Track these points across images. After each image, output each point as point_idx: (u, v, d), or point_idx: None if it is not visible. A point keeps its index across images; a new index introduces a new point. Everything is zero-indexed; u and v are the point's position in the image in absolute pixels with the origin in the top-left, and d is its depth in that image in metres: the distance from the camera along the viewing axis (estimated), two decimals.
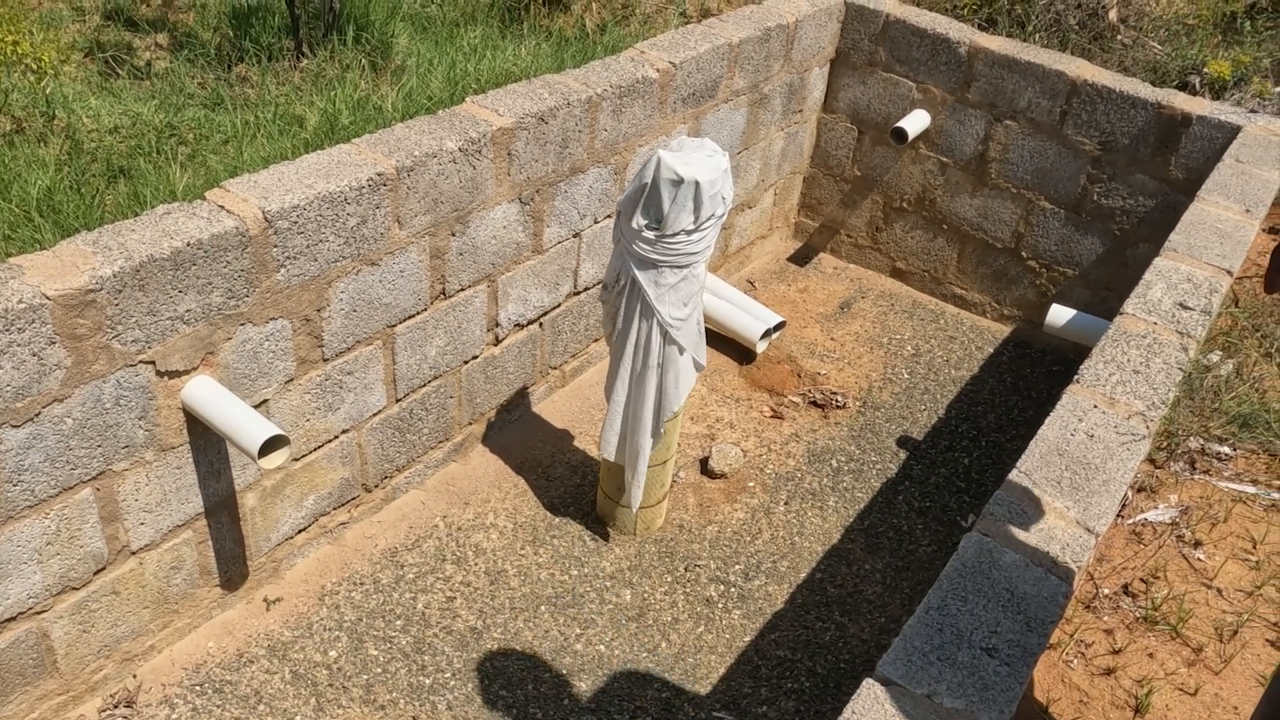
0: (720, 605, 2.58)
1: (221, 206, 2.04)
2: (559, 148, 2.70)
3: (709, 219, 2.24)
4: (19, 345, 1.75)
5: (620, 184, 2.99)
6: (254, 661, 2.32)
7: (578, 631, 2.48)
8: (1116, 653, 1.86)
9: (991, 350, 3.66)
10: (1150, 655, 1.86)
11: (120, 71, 3.39)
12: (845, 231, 4.03)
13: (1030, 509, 1.66)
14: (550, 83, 2.73)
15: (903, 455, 3.14)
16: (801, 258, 4.09)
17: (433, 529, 2.70)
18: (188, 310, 1.98)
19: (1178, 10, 4.56)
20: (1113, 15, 4.11)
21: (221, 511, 2.29)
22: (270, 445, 2.03)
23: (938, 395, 3.40)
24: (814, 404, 3.30)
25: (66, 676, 2.13)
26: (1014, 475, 1.71)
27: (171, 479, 2.13)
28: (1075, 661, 1.84)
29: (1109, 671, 1.83)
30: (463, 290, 2.64)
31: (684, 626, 2.51)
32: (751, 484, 2.96)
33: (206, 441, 2.15)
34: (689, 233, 2.23)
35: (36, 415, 1.83)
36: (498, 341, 2.86)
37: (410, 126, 2.42)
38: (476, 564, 2.62)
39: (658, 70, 2.92)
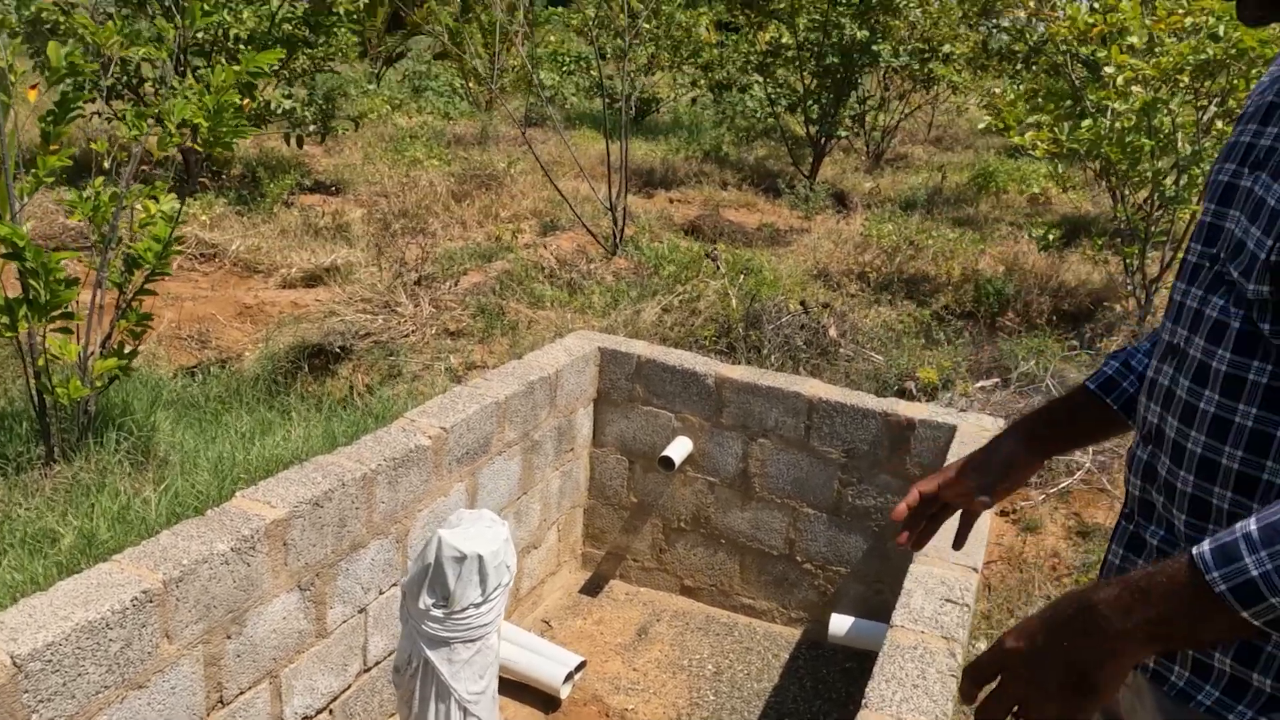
0: None
1: None
2: (337, 528, 2.69)
3: (496, 589, 2.27)
4: None
5: (403, 551, 2.98)
6: None
7: None
8: None
9: (787, 656, 3.75)
10: None
11: None
12: (631, 556, 4.14)
13: None
14: (323, 464, 2.75)
15: None
16: (593, 587, 4.13)
17: None
18: None
19: (885, 319, 5.24)
20: (832, 332, 4.67)
21: None
22: None
23: (745, 713, 3.42)
24: None
25: None
26: None
27: None
28: None
29: None
30: (243, 693, 2.48)
31: None
32: None
33: None
34: (478, 605, 2.24)
35: None
36: None
37: (177, 533, 2.35)
38: None
39: (430, 437, 3.02)
